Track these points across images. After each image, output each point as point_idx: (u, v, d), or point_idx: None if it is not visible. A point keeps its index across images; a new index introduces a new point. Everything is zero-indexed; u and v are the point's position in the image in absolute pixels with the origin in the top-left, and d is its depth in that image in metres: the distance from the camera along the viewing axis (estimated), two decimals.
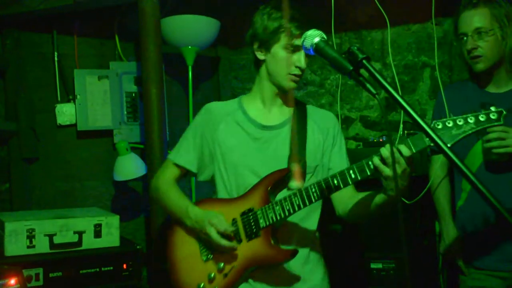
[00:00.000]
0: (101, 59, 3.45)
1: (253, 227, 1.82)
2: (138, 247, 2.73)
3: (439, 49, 3.02)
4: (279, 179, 1.83)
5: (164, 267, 2.01)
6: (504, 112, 1.57)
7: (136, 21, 2.89)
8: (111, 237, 2.67)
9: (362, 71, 1.36)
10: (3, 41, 3.21)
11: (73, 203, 3.35)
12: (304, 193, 1.76)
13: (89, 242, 2.62)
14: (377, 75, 1.27)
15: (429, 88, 3.26)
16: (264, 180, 1.84)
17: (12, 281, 2.22)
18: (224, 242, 1.79)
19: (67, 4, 2.97)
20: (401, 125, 2.91)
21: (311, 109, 2.02)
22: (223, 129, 1.96)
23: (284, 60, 1.86)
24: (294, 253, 1.79)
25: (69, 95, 3.34)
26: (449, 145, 1.59)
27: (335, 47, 2.23)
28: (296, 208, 1.77)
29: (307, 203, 1.76)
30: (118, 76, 3.42)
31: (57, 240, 2.55)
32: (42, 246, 2.52)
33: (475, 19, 2.22)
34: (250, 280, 1.87)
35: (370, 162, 1.64)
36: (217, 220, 1.81)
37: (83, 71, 3.35)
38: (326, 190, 1.72)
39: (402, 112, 2.98)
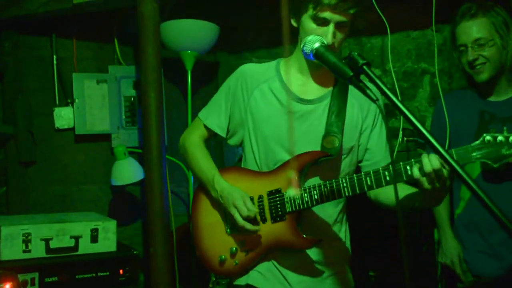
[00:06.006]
0: (100, 63, 3.44)
1: (279, 210, 1.79)
2: (135, 252, 2.71)
3: (439, 56, 3.02)
4: (311, 162, 1.76)
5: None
6: None
7: (135, 25, 2.87)
8: (108, 242, 2.65)
9: (362, 77, 1.35)
10: (1, 43, 3.20)
11: (70, 207, 3.33)
12: (334, 186, 1.70)
13: (86, 247, 2.60)
14: (377, 81, 1.26)
15: (428, 95, 3.26)
16: (295, 161, 1.77)
17: (7, 286, 2.21)
18: (248, 226, 1.78)
19: (66, 8, 2.96)
20: (401, 132, 2.90)
21: None
22: (257, 96, 1.87)
23: (310, 32, 1.73)
24: (317, 242, 1.78)
25: (67, 99, 3.33)
26: (495, 166, 1.47)
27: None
28: (325, 199, 1.73)
29: (337, 197, 1.72)
30: (117, 80, 3.41)
31: (53, 244, 2.53)
32: (38, 250, 2.49)
33: (474, 29, 2.20)
34: (269, 256, 1.86)
35: (408, 168, 1.58)
36: (241, 203, 1.78)
37: (81, 74, 3.34)
38: (358, 188, 1.67)
39: (401, 118, 2.97)
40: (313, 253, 1.86)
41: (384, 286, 2.68)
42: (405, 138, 2.86)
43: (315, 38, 1.53)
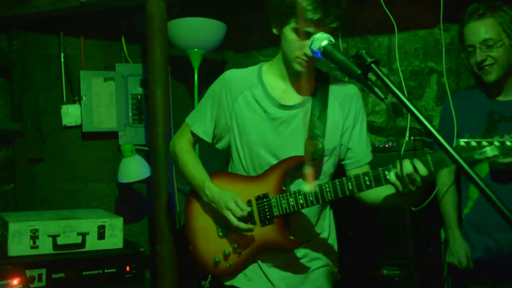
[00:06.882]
0: (107, 60, 3.46)
1: (267, 214, 1.86)
2: (141, 249, 2.73)
3: (447, 55, 3.00)
4: (295, 167, 1.84)
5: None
6: None
7: (142, 23, 2.88)
8: (114, 239, 2.67)
9: (370, 75, 1.34)
10: (10, 41, 3.22)
11: (77, 204, 3.35)
12: (318, 191, 1.78)
13: (93, 243, 2.61)
14: (386, 79, 1.26)
15: (435, 94, 3.25)
16: (280, 166, 1.84)
17: (15, 281, 2.22)
18: (243, 225, 1.83)
19: (74, 6, 2.97)
20: (408, 131, 2.90)
21: (333, 83, 1.94)
22: (241, 103, 1.91)
23: (292, 43, 1.76)
24: (305, 242, 1.86)
25: (74, 96, 3.35)
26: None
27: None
28: (310, 204, 1.80)
29: (320, 201, 1.79)
30: (124, 78, 3.42)
31: (60, 241, 2.54)
32: (45, 246, 2.51)
33: (482, 30, 2.19)
34: (256, 257, 1.93)
35: (386, 173, 1.64)
36: (234, 205, 1.83)
37: (89, 72, 3.36)
38: (340, 193, 1.75)
39: (409, 117, 2.96)
40: (298, 250, 1.93)
41: (390, 285, 2.67)
42: (412, 137, 2.85)
43: (323, 36, 1.52)
